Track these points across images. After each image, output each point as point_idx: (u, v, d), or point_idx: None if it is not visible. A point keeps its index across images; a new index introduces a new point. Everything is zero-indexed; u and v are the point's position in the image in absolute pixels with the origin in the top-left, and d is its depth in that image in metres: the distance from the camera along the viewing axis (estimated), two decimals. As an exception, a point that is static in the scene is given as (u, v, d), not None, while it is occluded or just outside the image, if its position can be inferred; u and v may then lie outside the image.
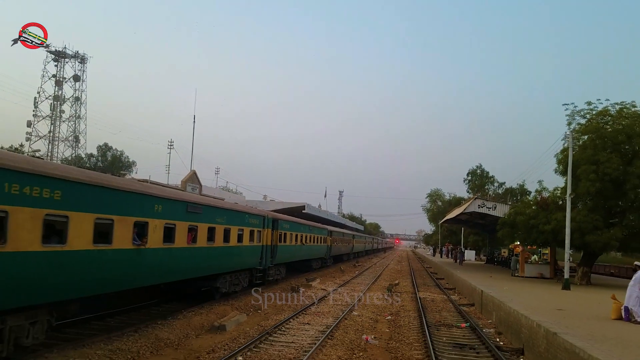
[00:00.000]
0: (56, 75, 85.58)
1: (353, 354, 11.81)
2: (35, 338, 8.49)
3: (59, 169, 8.94)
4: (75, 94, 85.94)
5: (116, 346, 10.28)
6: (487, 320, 17.73)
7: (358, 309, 18.73)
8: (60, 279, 8.52)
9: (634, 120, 25.38)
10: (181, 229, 12.89)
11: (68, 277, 8.71)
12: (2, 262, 7.27)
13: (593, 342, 9.83)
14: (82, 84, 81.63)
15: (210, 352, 11.07)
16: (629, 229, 24.81)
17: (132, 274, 10.88)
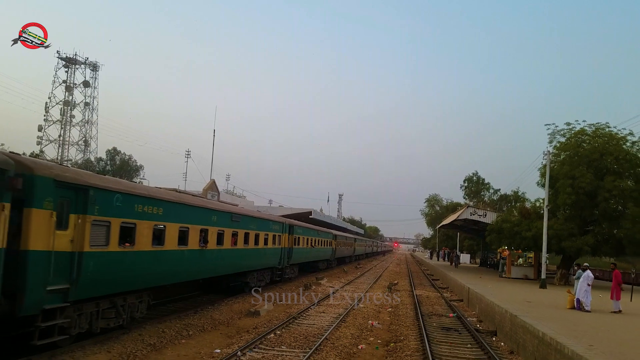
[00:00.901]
0: (66, 81, 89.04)
1: (362, 332, 15.45)
2: (142, 312, 12.14)
3: (162, 193, 12.62)
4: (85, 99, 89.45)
5: (187, 322, 13.94)
6: (471, 312, 21.39)
7: (363, 302, 22.38)
8: (159, 270, 12.18)
9: (607, 139, 29.13)
10: (227, 234, 16.57)
11: (163, 269, 12.38)
12: (131, 258, 10.93)
13: (541, 321, 13.47)
14: (94, 90, 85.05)
15: (254, 329, 14.69)
16: (601, 236, 28.50)
17: (198, 269, 14.57)
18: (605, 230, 28.42)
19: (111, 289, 10.46)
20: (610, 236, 28.38)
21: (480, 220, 37.53)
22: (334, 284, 30.78)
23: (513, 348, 13.97)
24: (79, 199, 9.19)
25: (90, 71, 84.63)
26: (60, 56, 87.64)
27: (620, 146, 28.79)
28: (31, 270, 8.06)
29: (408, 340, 14.60)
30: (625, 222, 27.00)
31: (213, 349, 11.88)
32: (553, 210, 29.44)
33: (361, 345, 13.66)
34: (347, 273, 41.69)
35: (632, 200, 27.15)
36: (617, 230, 27.94)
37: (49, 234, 8.42)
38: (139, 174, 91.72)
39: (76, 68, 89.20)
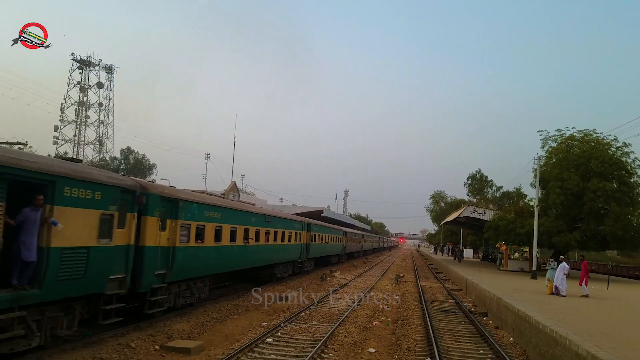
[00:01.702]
0: (81, 82, 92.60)
1: (375, 313, 18.95)
2: (205, 294, 15.70)
3: (220, 201, 16.14)
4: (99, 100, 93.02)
5: (235, 303, 17.51)
6: (468, 299, 24.86)
7: (374, 291, 25.89)
8: (217, 262, 15.74)
9: (594, 145, 32.44)
10: (262, 232, 20.11)
11: (220, 261, 15.93)
12: (202, 252, 14.46)
13: (520, 302, 16.90)
14: (110, 92, 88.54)
15: (287, 310, 18.21)
16: (587, 232, 31.86)
17: (243, 260, 18.14)
18: (591, 227, 31.73)
19: (189, 275, 14.01)
20: (596, 232, 31.68)
21: (480, 217, 40.92)
22: (346, 276, 34.30)
23: (498, 324, 17.44)
24: (173, 208, 12.70)
25: (106, 74, 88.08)
26: (74, 58, 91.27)
27: (605, 151, 32.09)
28: (146, 260, 11.58)
29: (413, 318, 18.09)
30: (609, 220, 30.37)
31: (260, 322, 15.42)
32: (545, 208, 32.85)
33: (375, 322, 17.15)
34: (357, 267, 45.21)
35: (614, 200, 30.46)
36: (602, 227, 31.23)
37: (156, 234, 11.94)
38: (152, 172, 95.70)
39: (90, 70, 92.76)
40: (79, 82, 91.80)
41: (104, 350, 10.12)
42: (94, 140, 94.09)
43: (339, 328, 15.14)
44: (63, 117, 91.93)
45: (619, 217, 30.23)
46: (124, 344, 10.75)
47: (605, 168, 31.53)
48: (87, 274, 9.23)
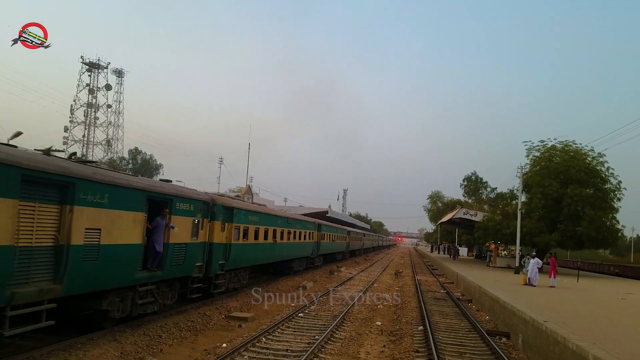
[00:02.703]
0: (89, 84, 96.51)
1: (379, 300, 23.27)
2: (246, 281, 20.04)
3: (258, 207, 20.43)
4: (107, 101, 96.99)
5: (266, 289, 21.84)
6: (458, 290, 29.24)
7: (377, 283, 30.24)
8: (256, 256, 20.07)
9: (572, 155, 36.79)
10: (285, 232, 24.45)
11: (257, 255, 20.26)
12: (246, 247, 18.76)
13: (497, 290, 21.24)
14: (120, 95, 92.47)
15: (307, 295, 22.53)
16: (565, 233, 36.24)
17: (271, 255, 22.49)
18: (569, 229, 36.08)
19: (238, 265, 18.35)
20: (573, 233, 36.05)
21: (472, 218, 45.30)
22: (351, 271, 38.69)
23: (479, 307, 21.81)
24: (229, 214, 17.00)
25: (116, 77, 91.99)
26: (84, 61, 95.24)
27: (582, 160, 36.46)
28: (214, 253, 15.88)
29: (410, 304, 22.44)
30: (584, 222, 34.73)
31: (289, 303, 19.74)
32: (528, 211, 37.25)
33: (379, 305, 21.50)
34: (359, 264, 49.64)
35: (589, 205, 34.81)
36: (578, 228, 35.59)
37: (220, 234, 16.24)
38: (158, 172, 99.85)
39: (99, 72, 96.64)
40: (88, 84, 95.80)
41: (191, 316, 14.45)
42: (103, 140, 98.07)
43: (352, 309, 19.47)
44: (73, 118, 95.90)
45: (593, 219, 34.56)
46: (202, 313, 15.08)
47: (582, 176, 35.83)
48: (185, 261, 13.55)
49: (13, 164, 7.53)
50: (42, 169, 8.15)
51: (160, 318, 13.31)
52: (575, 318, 14.49)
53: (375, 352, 12.92)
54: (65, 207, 8.82)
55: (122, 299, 11.25)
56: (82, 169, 9.25)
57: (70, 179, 8.79)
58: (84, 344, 10.09)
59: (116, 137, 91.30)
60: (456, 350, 13.28)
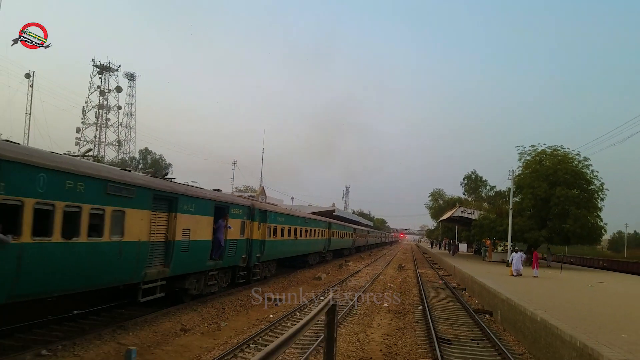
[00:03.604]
0: (100, 86, 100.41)
1: (385, 288, 27.32)
2: (274, 271, 24.10)
3: (284, 209, 24.42)
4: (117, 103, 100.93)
5: (290, 279, 25.91)
6: (454, 281, 33.27)
7: (382, 275, 34.27)
8: (282, 250, 24.13)
9: (560, 159, 40.70)
10: (303, 230, 28.50)
11: (284, 249, 24.34)
12: (276, 243, 22.79)
13: (486, 279, 25.23)
14: (132, 98, 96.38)
15: (324, 285, 26.57)
16: (553, 230, 40.20)
17: (293, 250, 26.59)
18: (557, 226, 40.03)
19: (269, 258, 22.43)
20: (560, 230, 39.98)
21: (469, 217, 49.30)
22: (358, 265, 42.77)
23: (471, 294, 25.83)
24: (263, 215, 21.02)
25: (128, 80, 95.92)
26: (95, 64, 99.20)
27: (569, 164, 40.39)
28: (254, 247, 19.91)
29: (412, 291, 26.48)
30: (570, 220, 38.67)
31: (310, 291, 23.74)
32: (520, 210, 41.23)
33: (386, 292, 25.53)
34: (364, 259, 53.73)
35: (575, 205, 38.76)
36: (565, 225, 39.53)
37: (257, 232, 20.26)
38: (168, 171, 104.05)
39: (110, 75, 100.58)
40: (99, 86, 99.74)
41: (239, 297, 18.51)
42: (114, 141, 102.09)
43: (362, 294, 23.49)
44: (85, 119, 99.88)
45: (578, 217, 38.52)
46: (246, 295, 19.13)
47: (569, 178, 39.76)
48: (236, 253, 17.59)
49: (150, 187, 11.55)
50: (163, 190, 12.19)
51: (219, 297, 17.38)
52: (541, 298, 18.48)
53: (384, 323, 16.93)
54: (172, 214, 12.85)
55: (197, 280, 15.29)
56: (181, 188, 13.31)
57: (175, 195, 12.82)
58: (176, 312, 14.14)
59: (128, 138, 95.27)
60: (448, 322, 17.32)
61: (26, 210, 7.94)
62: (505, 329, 16.93)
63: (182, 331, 12.82)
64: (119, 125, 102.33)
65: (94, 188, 9.53)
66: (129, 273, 11.11)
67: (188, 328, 13.14)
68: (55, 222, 8.62)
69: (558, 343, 11.42)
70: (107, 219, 10.00)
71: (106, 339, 10.71)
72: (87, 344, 10.12)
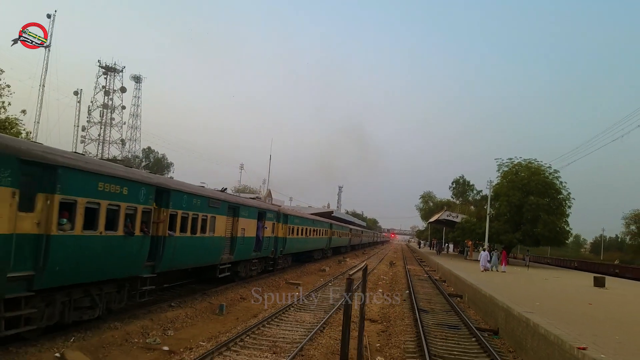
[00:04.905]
0: (105, 87, 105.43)
1: (378, 281, 33.44)
2: (289, 263, 30.14)
3: (299, 212, 30.43)
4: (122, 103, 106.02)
5: (301, 270, 31.97)
6: (437, 275, 39.53)
7: (376, 270, 40.42)
8: (297, 246, 30.19)
9: (533, 171, 47.05)
10: (312, 229, 34.55)
11: (298, 246, 30.41)
12: (296, 240, 28.80)
13: (462, 272, 31.41)
14: (138, 99, 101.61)
15: (328, 275, 32.61)
16: (526, 233, 46.54)
17: (305, 246, 32.73)
18: (528, 230, 46.35)
19: (289, 251, 28.56)
20: (532, 233, 46.32)
21: (454, 220, 55.62)
22: (354, 261, 48.91)
23: (449, 284, 32.02)
24: (285, 218, 27.02)
25: (135, 82, 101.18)
26: (101, 65, 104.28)
27: (541, 175, 46.74)
28: (279, 243, 25.93)
29: (402, 282, 32.63)
30: (540, 225, 45.01)
31: (319, 279, 29.78)
32: (497, 215, 47.56)
33: (379, 282, 31.64)
34: (359, 256, 59.93)
35: (544, 211, 45.08)
36: (536, 229, 45.86)
37: (281, 231, 26.26)
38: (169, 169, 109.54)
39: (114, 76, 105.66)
40: (104, 86, 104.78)
41: (269, 280, 24.53)
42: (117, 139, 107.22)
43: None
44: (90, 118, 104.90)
45: (547, 223, 44.86)
46: (273, 280, 25.17)
47: (540, 188, 46.09)
48: (268, 247, 23.61)
49: (228, 200, 17.56)
50: (233, 202, 18.20)
51: (257, 279, 23.43)
52: (497, 286, 24.68)
53: (379, 303, 23.00)
54: (235, 218, 18.84)
55: (245, 266, 21.28)
56: (241, 200, 19.34)
57: (238, 205, 18.84)
58: (234, 287, 20.15)
59: (134, 137, 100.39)
60: (427, 301, 23.47)
61: (178, 218, 13.96)
62: (469, 307, 23.11)
63: (241, 299, 18.85)
64: (122, 125, 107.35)
65: (205, 203, 15.51)
66: (216, 257, 17.11)
67: (244, 297, 19.17)
68: (187, 224, 14.61)
69: (496, 309, 17.57)
70: (207, 222, 15.96)
71: (203, 299, 16.74)
72: (194, 300, 16.18)
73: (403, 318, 18.48)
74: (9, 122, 27.69)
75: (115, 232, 10.87)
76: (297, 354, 11.76)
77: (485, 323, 18.65)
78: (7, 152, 8.08)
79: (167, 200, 13.33)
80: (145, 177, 12.47)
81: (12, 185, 8.06)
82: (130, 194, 11.29)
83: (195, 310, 15.46)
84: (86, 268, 10.12)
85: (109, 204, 10.52)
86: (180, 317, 14.23)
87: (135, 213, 11.61)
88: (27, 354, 9.12)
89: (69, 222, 9.43)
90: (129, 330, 11.85)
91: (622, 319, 15.40)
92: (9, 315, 8.46)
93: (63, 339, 10.15)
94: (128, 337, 11.57)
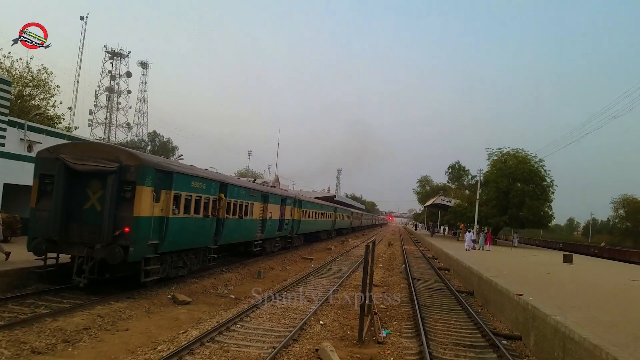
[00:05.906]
0: (111, 72, 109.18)
1: (378, 258, 38.44)
2: (301, 241, 35.17)
3: (311, 199, 35.31)
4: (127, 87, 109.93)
5: (312, 248, 37.04)
6: (430, 254, 44.70)
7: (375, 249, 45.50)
8: (309, 227, 35.19)
9: (520, 159, 51.98)
10: (319, 213, 39.52)
11: (310, 227, 35.41)
12: (307, 222, 33.76)
13: (451, 250, 36.49)
14: (144, 85, 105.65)
15: (335, 253, 37.65)
16: (512, 217, 51.66)
17: (314, 227, 37.74)
18: (514, 213, 51.44)
19: (303, 231, 33.64)
20: (517, 217, 51.44)
21: (447, 204, 60.69)
22: (355, 242, 54.05)
23: (440, 261, 37.12)
24: (300, 203, 31.92)
25: (142, 68, 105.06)
26: (107, 50, 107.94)
27: (527, 164, 51.67)
28: (294, 224, 30.88)
29: (398, 259, 37.73)
30: (525, 209, 50.10)
31: (327, 256, 34.79)
32: (486, 200, 52.63)
33: (379, 259, 36.72)
34: (359, 237, 65.13)
35: (529, 197, 50.11)
36: (521, 213, 50.93)
37: (296, 214, 31.17)
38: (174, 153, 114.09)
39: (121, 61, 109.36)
40: (110, 71, 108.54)
41: (286, 256, 29.54)
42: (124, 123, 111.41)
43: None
44: (97, 102, 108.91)
45: (531, 207, 49.94)
46: (290, 255, 30.17)
47: (526, 176, 51.04)
48: (287, 227, 28.59)
49: (261, 190, 22.48)
50: (264, 191, 23.11)
51: (278, 255, 28.46)
52: (478, 260, 29.75)
53: (380, 274, 28.06)
54: (265, 204, 23.75)
55: (271, 243, 26.24)
56: (270, 189, 24.22)
57: (267, 193, 23.73)
58: (263, 259, 25.16)
59: (141, 122, 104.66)
60: (420, 273, 28.56)
61: (232, 204, 18.84)
62: (454, 277, 28.21)
63: (270, 269, 23.86)
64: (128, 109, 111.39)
65: (247, 193, 20.41)
66: (253, 235, 22.11)
67: (273, 267, 24.20)
68: (236, 209, 19.49)
69: (472, 277, 22.63)
70: (248, 208, 20.85)
71: (243, 267, 21.81)
72: (237, 268, 21.27)
73: (400, 284, 23.53)
74: (58, 118, 32.17)
75: (199, 215, 15.75)
76: (324, 302, 16.74)
77: (465, 288, 23.72)
78: (150, 165, 12.89)
79: (225, 191, 18.19)
80: (215, 176, 17.38)
81: (152, 185, 12.90)
82: (207, 188, 16.15)
83: (240, 274, 20.47)
84: (184, 239, 15.03)
85: (197, 196, 15.38)
86: (232, 279, 19.23)
87: (209, 201, 16.49)
88: (152, 295, 14.08)
89: (176, 208, 14.30)
90: (204, 284, 16.85)
91: (563, 282, 20.51)
92: (147, 268, 13.38)
93: (167, 287, 15.12)
94: (205, 288, 16.56)
